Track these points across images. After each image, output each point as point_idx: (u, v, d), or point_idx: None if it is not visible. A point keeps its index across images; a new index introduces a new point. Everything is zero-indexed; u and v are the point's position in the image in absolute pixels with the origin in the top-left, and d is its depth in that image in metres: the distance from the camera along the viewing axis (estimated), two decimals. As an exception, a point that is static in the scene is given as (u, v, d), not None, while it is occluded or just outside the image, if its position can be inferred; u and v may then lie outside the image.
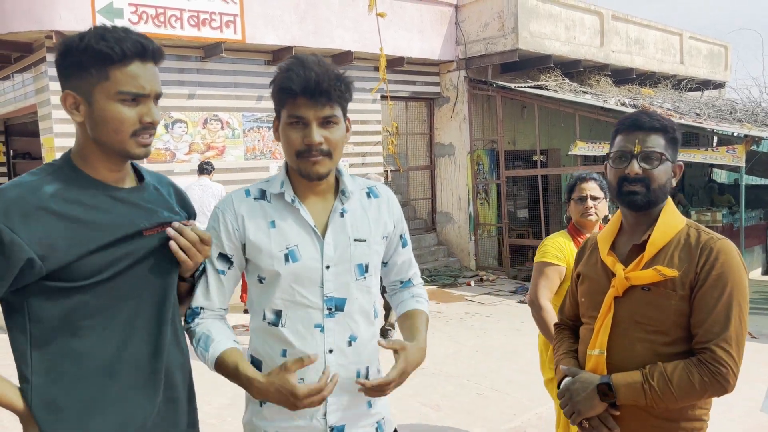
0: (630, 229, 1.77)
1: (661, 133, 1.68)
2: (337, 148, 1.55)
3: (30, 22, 6.60)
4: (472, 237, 10.28)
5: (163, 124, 7.67)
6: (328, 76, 1.48)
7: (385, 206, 1.71)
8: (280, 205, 1.59)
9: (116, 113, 1.35)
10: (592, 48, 10.47)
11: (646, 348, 1.65)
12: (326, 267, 1.57)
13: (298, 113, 1.50)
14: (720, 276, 1.59)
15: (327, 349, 1.58)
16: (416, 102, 10.37)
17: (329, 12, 8.38)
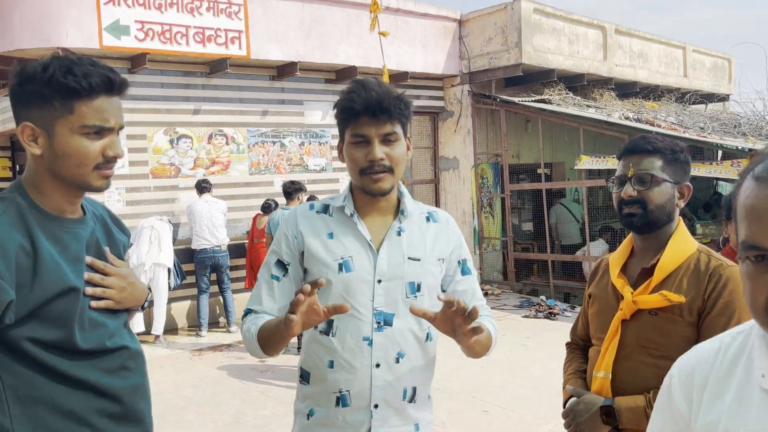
0: (640, 252, 1.77)
1: (657, 155, 1.70)
2: (398, 164, 1.62)
3: (37, 39, 6.67)
4: (477, 251, 10.25)
5: (168, 140, 7.71)
6: (388, 95, 1.57)
7: (444, 230, 1.75)
8: (340, 219, 1.67)
9: (79, 147, 1.33)
10: (595, 62, 10.50)
11: (651, 372, 1.64)
12: (378, 281, 1.62)
13: (361, 132, 1.58)
14: (728, 304, 1.58)
15: (374, 363, 1.60)
16: (420, 116, 10.40)
17: (334, 28, 8.44)
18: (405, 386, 1.63)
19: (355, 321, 1.60)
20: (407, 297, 1.64)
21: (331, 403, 1.61)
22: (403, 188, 1.73)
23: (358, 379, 1.59)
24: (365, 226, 1.65)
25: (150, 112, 7.57)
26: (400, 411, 1.63)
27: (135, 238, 7.15)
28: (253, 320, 1.63)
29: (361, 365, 1.59)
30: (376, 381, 1.59)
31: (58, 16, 6.63)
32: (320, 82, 8.86)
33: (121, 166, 7.39)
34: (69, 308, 1.33)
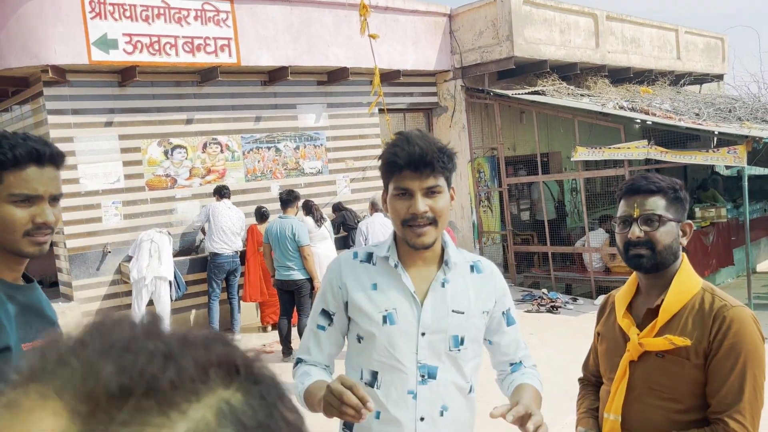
0: (645, 291, 1.77)
1: (660, 194, 1.69)
2: (441, 216, 1.61)
3: (26, 57, 6.63)
4: (477, 245, 10.26)
5: (162, 151, 7.69)
6: (431, 149, 1.56)
7: (489, 282, 1.74)
8: (384, 269, 1.67)
9: (7, 214, 1.38)
10: (587, 50, 10.45)
11: (660, 415, 1.64)
12: (422, 333, 1.62)
13: (404, 185, 1.58)
14: (733, 346, 1.57)
15: (418, 417, 1.60)
16: (414, 113, 10.36)
17: (323, 30, 8.39)
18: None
19: (399, 374, 1.61)
20: (450, 350, 1.64)
21: None
22: (447, 237, 1.72)
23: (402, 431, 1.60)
24: (409, 278, 1.65)
25: (143, 124, 7.54)
26: None
27: (134, 251, 7.15)
28: (302, 377, 1.65)
29: (405, 419, 1.60)
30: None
31: (45, 34, 6.58)
32: (312, 84, 8.82)
33: (117, 180, 7.38)
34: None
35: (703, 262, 10.06)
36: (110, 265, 7.37)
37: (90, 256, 7.25)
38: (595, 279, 9.22)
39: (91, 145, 7.19)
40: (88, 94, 7.20)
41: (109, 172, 7.34)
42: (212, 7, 7.50)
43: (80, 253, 7.18)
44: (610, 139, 9.31)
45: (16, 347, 1.38)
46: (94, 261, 7.29)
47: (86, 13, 6.74)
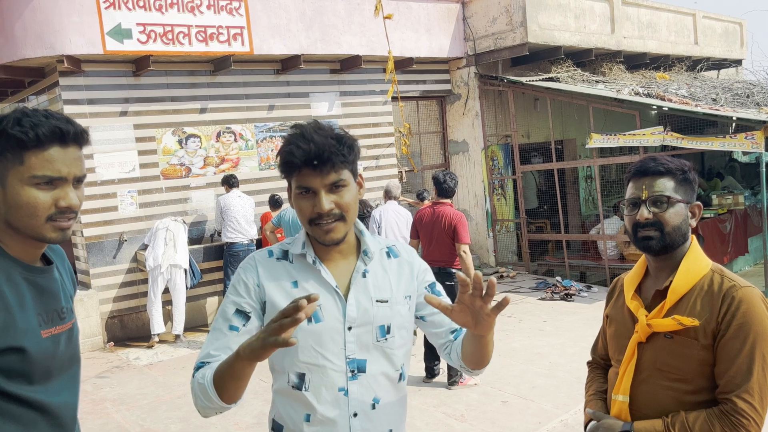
0: (654, 274, 1.76)
1: (669, 176, 1.68)
2: (349, 210, 1.54)
3: (41, 47, 6.68)
4: (490, 233, 10.24)
5: (176, 140, 7.73)
6: (328, 144, 1.48)
7: (406, 265, 1.70)
8: (302, 266, 1.60)
9: (29, 198, 1.32)
10: (603, 36, 10.32)
11: (669, 396, 1.64)
12: (348, 328, 1.57)
13: (305, 184, 1.51)
14: (742, 326, 1.56)
15: (351, 413, 1.56)
16: (428, 100, 10.32)
17: (336, 18, 8.36)
18: (382, 431, 1.60)
19: (328, 372, 1.55)
20: (378, 341, 1.60)
21: None
22: (362, 226, 1.67)
23: (335, 429, 1.55)
24: (329, 272, 1.59)
25: (157, 113, 7.58)
26: None
27: (150, 239, 7.22)
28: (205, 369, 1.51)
29: (338, 417, 1.55)
30: (354, 431, 1.56)
31: (60, 24, 6.63)
32: (325, 73, 8.81)
33: (132, 169, 7.44)
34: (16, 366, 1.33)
35: (720, 249, 9.97)
36: (126, 254, 7.45)
37: (107, 245, 7.34)
38: (609, 266, 9.17)
39: (106, 134, 7.25)
40: (103, 83, 7.25)
41: (124, 162, 7.40)
42: (225, -4, 7.50)
43: (97, 242, 7.27)
44: (626, 126, 9.22)
45: (33, 333, 1.36)
46: (111, 249, 7.37)
47: (101, 3, 6.76)
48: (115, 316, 7.41)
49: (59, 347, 1.42)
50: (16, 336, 1.32)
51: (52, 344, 1.39)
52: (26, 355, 1.34)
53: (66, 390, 1.46)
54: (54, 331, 1.41)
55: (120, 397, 5.52)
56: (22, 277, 1.37)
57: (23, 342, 1.33)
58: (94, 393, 5.66)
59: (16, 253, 1.38)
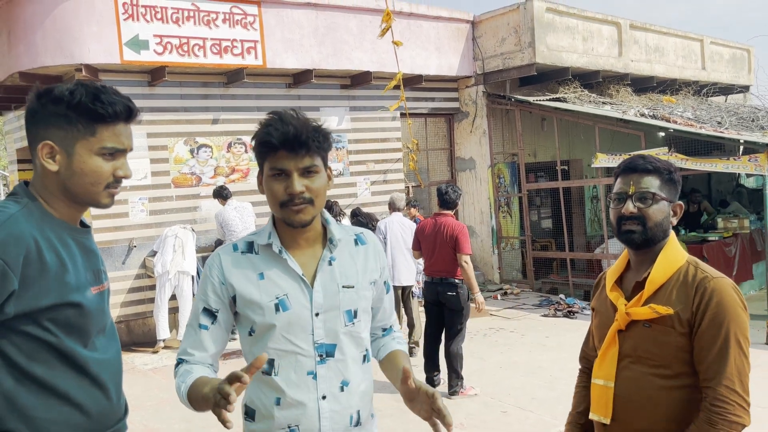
0: (635, 267, 1.86)
1: (655, 174, 1.78)
2: (318, 195, 1.60)
3: (60, 56, 6.87)
4: (495, 250, 10.30)
5: (188, 149, 7.89)
6: (306, 128, 1.56)
7: (372, 253, 1.76)
8: (268, 256, 1.65)
9: (96, 167, 1.46)
10: (610, 58, 10.47)
11: (650, 382, 1.73)
12: (315, 314, 1.62)
13: (280, 165, 1.57)
14: (715, 316, 1.66)
15: (320, 396, 1.61)
16: (436, 118, 10.47)
17: (347, 35, 8.54)
18: (351, 413, 1.65)
19: (297, 357, 1.60)
20: (345, 325, 1.65)
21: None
22: (328, 215, 1.72)
23: (306, 414, 1.60)
24: (295, 261, 1.64)
25: (170, 123, 7.75)
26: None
27: (159, 246, 7.34)
28: (183, 375, 1.59)
29: (308, 399, 1.60)
30: (323, 413, 1.61)
31: (80, 33, 6.83)
32: (336, 88, 8.97)
33: (144, 177, 7.59)
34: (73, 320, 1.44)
35: (725, 273, 9.93)
36: (135, 259, 7.57)
37: (116, 250, 7.46)
38: (613, 286, 9.18)
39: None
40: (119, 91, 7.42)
41: (136, 169, 7.55)
42: (240, 11, 7.70)
43: (107, 247, 7.39)
44: (631, 147, 9.31)
45: (86, 289, 1.46)
46: (120, 255, 7.49)
47: (119, 14, 6.97)
48: (122, 320, 7.51)
49: (103, 304, 1.54)
50: (72, 292, 1.43)
51: (100, 300, 1.52)
52: (82, 310, 1.45)
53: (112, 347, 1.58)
54: (100, 288, 1.53)
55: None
56: (71, 238, 1.48)
57: (79, 298, 1.44)
58: (99, 394, 5.74)
59: (62, 216, 1.49)
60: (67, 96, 1.41)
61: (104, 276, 1.59)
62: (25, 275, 1.36)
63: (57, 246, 1.44)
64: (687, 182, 13.90)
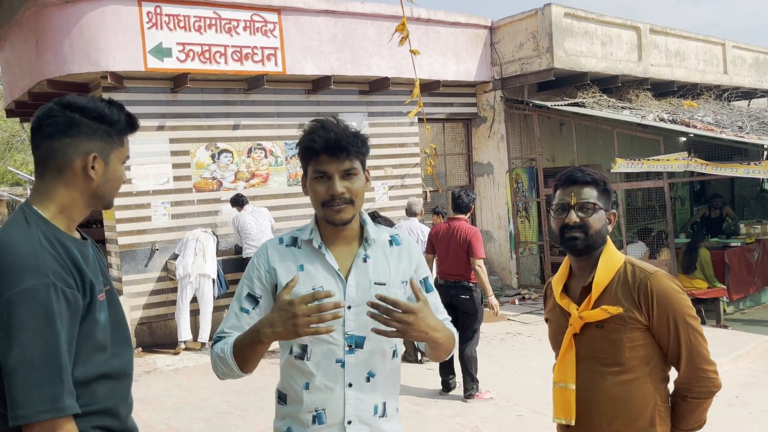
0: (578, 273, 1.98)
1: (593, 185, 1.91)
2: (357, 196, 1.74)
3: (86, 64, 7.06)
4: (513, 255, 10.30)
5: (209, 155, 8.04)
6: (345, 134, 1.70)
7: (406, 253, 1.87)
8: (309, 251, 1.78)
9: (122, 173, 1.64)
10: (630, 63, 10.43)
11: (606, 379, 1.86)
12: (348, 307, 1.73)
13: (322, 168, 1.71)
14: (661, 307, 1.82)
15: (347, 383, 1.72)
16: (453, 123, 10.51)
17: (366, 41, 8.64)
18: (376, 403, 1.76)
19: (328, 345, 1.71)
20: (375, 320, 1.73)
21: (308, 421, 1.73)
22: (366, 216, 1.84)
23: (332, 399, 1.71)
24: (333, 257, 1.76)
25: (192, 128, 7.91)
26: (372, 426, 1.75)
27: (181, 249, 7.49)
28: (222, 344, 1.72)
29: (335, 386, 1.71)
30: (349, 400, 1.72)
31: (105, 42, 7.01)
32: (354, 93, 9.07)
33: (166, 182, 7.75)
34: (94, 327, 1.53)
35: (747, 279, 9.85)
36: (158, 262, 7.72)
37: (139, 253, 7.63)
38: (632, 292, 9.12)
39: (143, 147, 7.59)
40: (143, 99, 7.61)
41: (159, 174, 7.71)
42: (260, 18, 7.84)
43: (130, 250, 7.56)
44: (651, 152, 9.27)
45: (96, 296, 1.54)
46: (143, 258, 7.65)
47: (144, 23, 7.15)
48: (144, 322, 7.66)
49: (105, 310, 1.60)
50: (92, 293, 1.51)
51: (102, 307, 1.58)
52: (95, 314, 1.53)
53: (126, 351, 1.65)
54: (103, 295, 1.59)
55: (147, 398, 5.72)
56: (77, 250, 1.55)
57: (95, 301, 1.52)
58: (121, 393, 5.87)
59: (67, 226, 1.56)
60: (107, 112, 1.56)
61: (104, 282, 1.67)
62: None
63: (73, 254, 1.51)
64: (709, 187, 13.76)
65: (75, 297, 1.43)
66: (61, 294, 1.39)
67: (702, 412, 1.87)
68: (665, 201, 8.92)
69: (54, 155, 1.52)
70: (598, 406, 1.86)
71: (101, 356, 1.52)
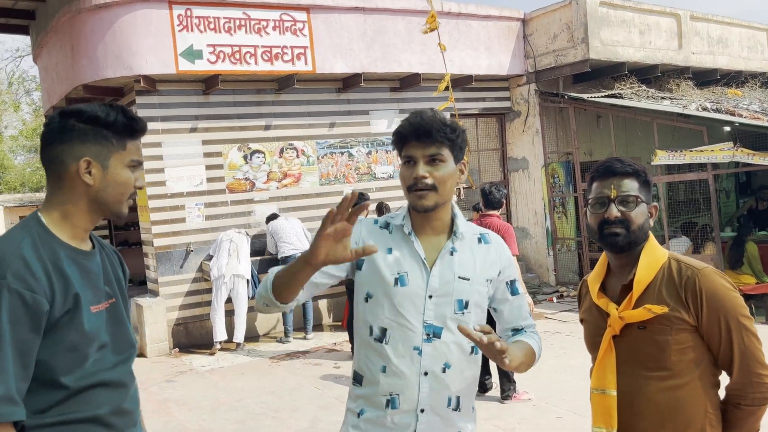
0: (617, 271, 1.83)
1: (634, 176, 1.76)
2: (442, 183, 1.71)
3: (120, 68, 7.15)
4: (551, 252, 10.07)
5: (242, 155, 8.07)
6: (434, 121, 1.70)
7: (494, 252, 1.84)
8: (399, 236, 1.79)
9: (126, 177, 1.56)
10: (669, 51, 10.09)
11: (652, 386, 1.71)
12: (429, 296, 1.73)
13: (409, 153, 1.73)
14: (710, 311, 1.66)
15: (422, 372, 1.71)
16: (487, 118, 10.34)
17: (396, 37, 8.55)
18: (450, 395, 1.74)
19: (406, 331, 1.72)
20: (455, 313, 1.74)
21: (381, 404, 1.74)
22: (457, 210, 1.83)
23: (407, 385, 1.71)
24: (421, 245, 1.76)
25: (224, 130, 7.94)
26: (445, 417, 1.74)
27: (215, 250, 7.52)
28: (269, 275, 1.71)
29: (410, 372, 1.71)
30: (423, 388, 1.71)
31: (137, 46, 7.09)
32: (385, 91, 8.99)
33: (200, 183, 7.80)
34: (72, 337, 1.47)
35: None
36: (193, 263, 7.78)
37: (174, 255, 7.69)
38: (676, 288, 8.82)
39: (177, 149, 7.65)
40: (175, 101, 7.67)
41: (193, 176, 7.77)
42: (290, 18, 7.83)
43: (166, 252, 7.63)
44: (694, 143, 8.94)
45: (85, 306, 1.49)
46: (178, 259, 7.72)
47: (174, 26, 7.20)
48: (180, 323, 7.73)
49: (104, 322, 1.56)
50: (75, 302, 1.47)
51: (98, 319, 1.54)
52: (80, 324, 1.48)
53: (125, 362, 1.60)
54: (102, 306, 1.56)
55: (182, 399, 5.75)
56: (70, 258, 1.51)
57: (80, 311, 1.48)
58: (159, 394, 5.92)
59: (71, 236, 1.54)
60: (102, 114, 1.52)
61: (107, 295, 1.61)
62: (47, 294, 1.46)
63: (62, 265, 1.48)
64: (755, 179, 13.24)
65: (35, 300, 1.38)
66: (15, 295, 1.36)
67: (755, 421, 1.71)
68: (710, 193, 8.59)
69: (53, 162, 1.53)
70: (642, 414, 1.71)
71: (90, 366, 1.48)
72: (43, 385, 1.43)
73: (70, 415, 1.45)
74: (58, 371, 1.43)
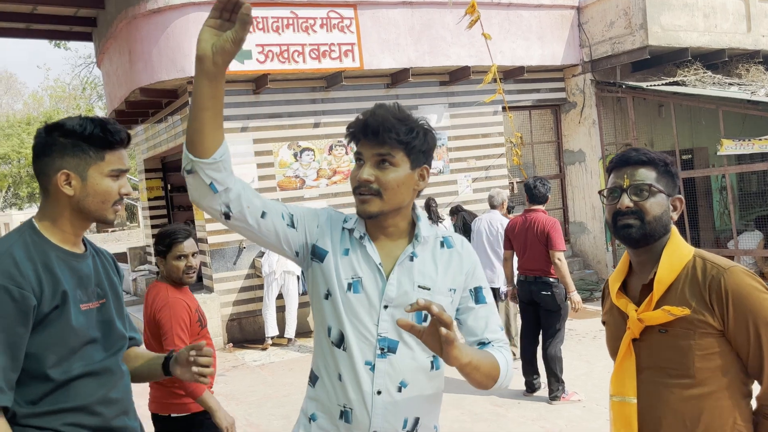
0: (638, 269, 1.71)
1: (650, 166, 1.65)
2: (389, 189, 1.54)
3: (174, 70, 7.35)
4: (609, 247, 9.72)
5: (292, 153, 8.15)
6: (386, 119, 1.53)
7: (457, 257, 1.66)
8: (356, 239, 1.63)
9: (108, 187, 1.63)
10: (737, 35, 9.51)
11: (675, 394, 1.58)
12: (384, 306, 1.56)
13: (359, 151, 1.58)
14: (738, 314, 1.52)
15: (375, 390, 1.55)
16: (541, 110, 10.06)
17: (444, 31, 8.43)
18: (406, 416, 1.57)
19: (362, 341, 1.56)
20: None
21: (335, 415, 1.59)
22: (420, 212, 1.67)
23: (360, 401, 1.55)
24: (376, 249, 1.60)
25: (274, 128, 8.05)
26: None
27: (266, 247, 7.64)
28: None
29: (363, 389, 1.55)
30: (376, 408, 1.55)
31: (189, 48, 7.26)
32: (434, 85, 8.89)
33: (251, 181, 7.93)
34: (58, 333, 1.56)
35: None
36: (245, 260, 7.93)
37: (228, 252, 7.87)
38: (745, 285, 8.33)
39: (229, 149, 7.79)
40: (227, 101, 7.78)
41: (244, 174, 7.91)
42: (337, 15, 7.84)
43: (219, 249, 7.82)
44: (764, 132, 8.41)
45: (74, 303, 1.59)
46: (232, 256, 7.89)
47: (224, 27, 7.33)
48: (234, 318, 7.90)
49: (93, 320, 1.65)
50: (63, 299, 1.57)
51: (87, 317, 1.63)
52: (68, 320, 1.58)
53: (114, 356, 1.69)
54: (92, 305, 1.65)
55: (232, 393, 5.87)
56: (60, 260, 1.61)
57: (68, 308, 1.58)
58: (210, 388, 6.06)
59: (63, 240, 1.64)
60: (78, 128, 1.59)
61: (98, 295, 1.69)
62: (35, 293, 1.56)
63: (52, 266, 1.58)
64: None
65: (22, 296, 1.47)
66: (3, 290, 1.45)
67: None
68: (782, 184, 8.07)
69: (40, 175, 1.63)
70: (665, 425, 1.58)
71: (76, 360, 1.58)
72: (35, 378, 1.53)
73: (60, 404, 1.55)
74: (46, 364, 1.53)
